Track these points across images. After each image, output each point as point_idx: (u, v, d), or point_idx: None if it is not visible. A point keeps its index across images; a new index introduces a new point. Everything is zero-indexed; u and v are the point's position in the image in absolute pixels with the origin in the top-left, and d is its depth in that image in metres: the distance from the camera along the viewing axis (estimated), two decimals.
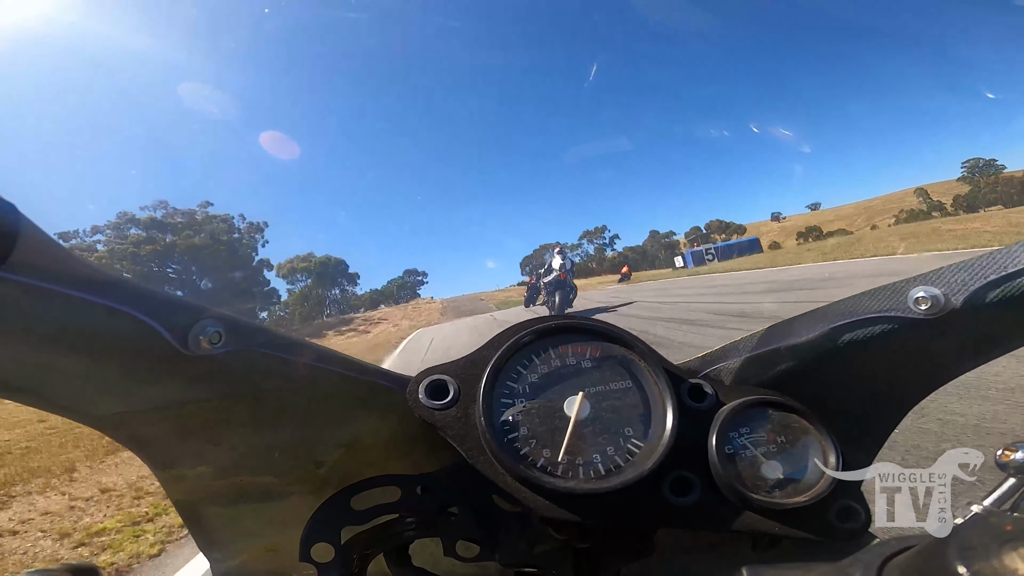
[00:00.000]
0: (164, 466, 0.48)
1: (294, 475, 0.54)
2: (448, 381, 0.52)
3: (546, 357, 0.55)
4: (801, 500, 0.50)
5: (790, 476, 0.51)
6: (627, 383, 0.55)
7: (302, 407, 0.49)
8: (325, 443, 0.53)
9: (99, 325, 0.33)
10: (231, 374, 0.42)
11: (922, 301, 0.47)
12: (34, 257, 0.29)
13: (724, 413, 0.53)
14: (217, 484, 0.51)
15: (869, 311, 0.50)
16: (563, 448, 0.50)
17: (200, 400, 0.43)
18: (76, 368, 0.35)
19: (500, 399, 0.52)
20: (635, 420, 0.53)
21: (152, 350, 0.36)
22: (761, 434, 0.53)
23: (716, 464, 0.51)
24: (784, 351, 0.56)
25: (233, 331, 0.39)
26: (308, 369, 0.46)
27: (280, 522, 0.56)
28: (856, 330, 0.51)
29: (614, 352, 0.56)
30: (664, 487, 0.51)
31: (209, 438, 0.47)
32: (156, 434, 0.45)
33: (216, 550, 0.56)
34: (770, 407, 0.54)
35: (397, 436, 0.56)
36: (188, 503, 0.52)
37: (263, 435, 0.49)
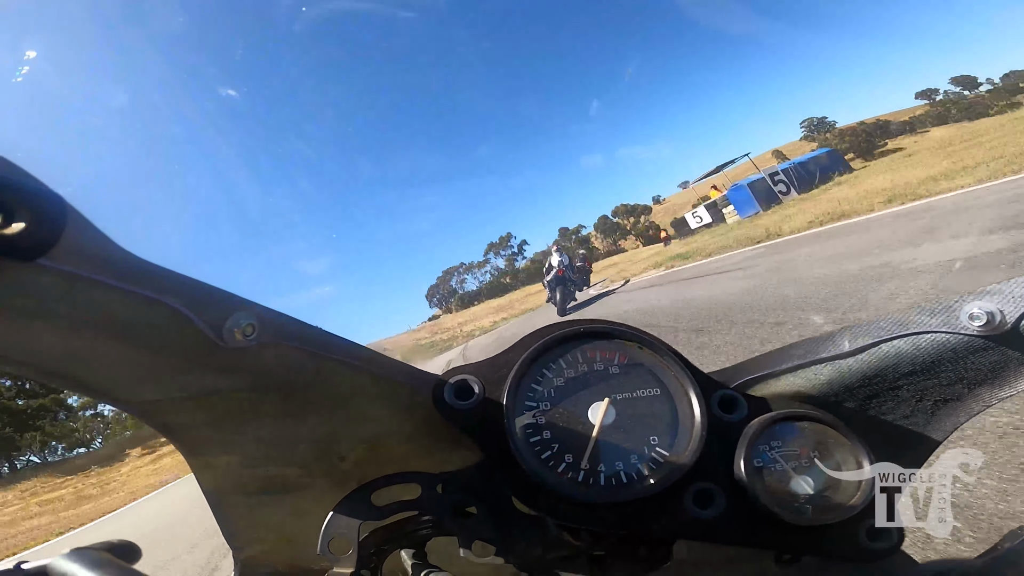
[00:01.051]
0: (195, 454, 0.49)
1: (318, 468, 0.55)
2: (473, 382, 0.52)
3: (573, 361, 0.55)
4: (831, 517, 0.49)
5: (821, 492, 0.50)
6: (655, 391, 0.54)
7: (329, 402, 0.50)
8: (349, 438, 0.54)
9: (139, 315, 0.34)
10: (262, 366, 0.42)
11: (976, 317, 0.45)
12: (79, 247, 0.29)
13: (755, 426, 0.52)
14: (244, 474, 0.52)
15: (918, 327, 0.49)
16: (586, 455, 0.50)
17: (231, 391, 0.43)
18: (116, 356, 0.36)
19: (524, 402, 0.52)
20: (661, 429, 0.52)
21: (188, 340, 0.37)
22: (793, 448, 0.52)
23: (743, 478, 0.50)
24: (824, 364, 0.54)
25: (266, 323, 0.40)
26: (337, 364, 0.46)
27: (301, 514, 0.56)
28: (903, 346, 0.50)
29: (643, 359, 0.55)
30: (686, 498, 0.50)
31: (238, 429, 0.48)
32: (188, 423, 0.46)
33: (239, 539, 0.56)
34: (804, 421, 0.53)
35: (420, 434, 0.56)
36: (216, 491, 0.52)
37: (289, 428, 0.50)
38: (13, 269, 0.27)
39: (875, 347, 0.51)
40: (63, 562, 0.29)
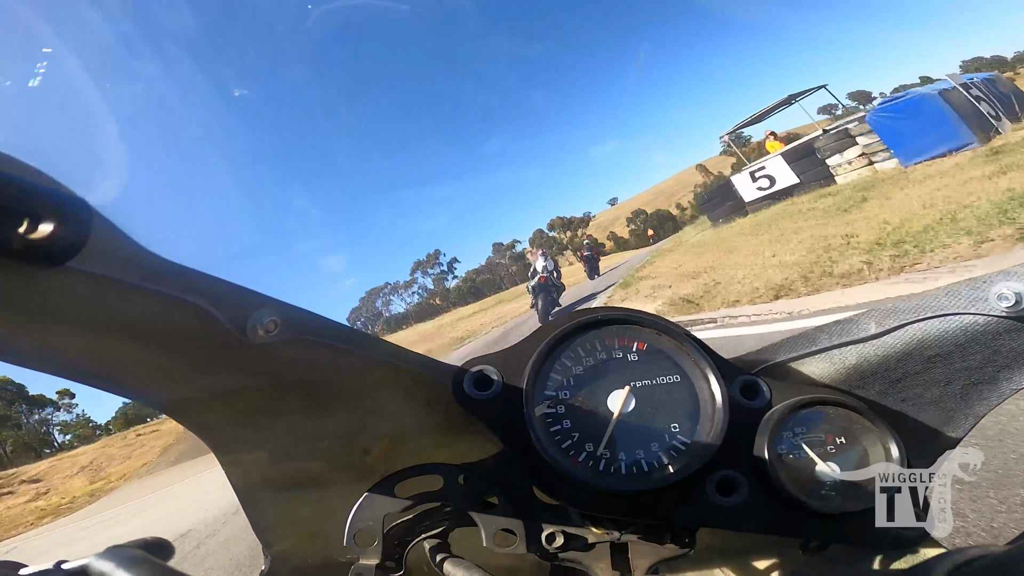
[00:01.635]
0: (224, 451, 0.50)
1: (343, 462, 0.55)
2: (492, 372, 0.52)
3: (591, 349, 0.54)
4: (858, 504, 0.48)
5: (848, 480, 0.49)
6: (675, 377, 0.53)
7: (351, 396, 0.50)
8: (372, 432, 0.54)
9: (166, 314, 0.35)
10: (285, 362, 0.43)
11: (1005, 298, 0.44)
12: (106, 250, 0.30)
13: (778, 412, 0.51)
14: (272, 469, 0.53)
15: (945, 308, 0.47)
16: (603, 441, 0.50)
17: (257, 387, 0.44)
18: (146, 355, 0.37)
19: (543, 391, 0.52)
20: (682, 416, 0.52)
21: (213, 338, 0.37)
22: (818, 434, 0.51)
23: (767, 464, 0.49)
24: (847, 348, 0.53)
25: (288, 319, 0.40)
26: (358, 358, 0.47)
27: (328, 508, 0.57)
28: (930, 328, 0.48)
29: (662, 345, 0.55)
30: (709, 486, 0.50)
31: (264, 424, 0.49)
32: (217, 420, 0.47)
33: (269, 534, 0.58)
34: (829, 406, 0.52)
35: (442, 425, 0.57)
36: (246, 487, 0.54)
37: (314, 423, 0.51)
38: (43, 273, 0.28)
39: (901, 329, 0.50)
40: (101, 561, 0.30)
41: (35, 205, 0.25)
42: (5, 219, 0.25)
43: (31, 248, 0.25)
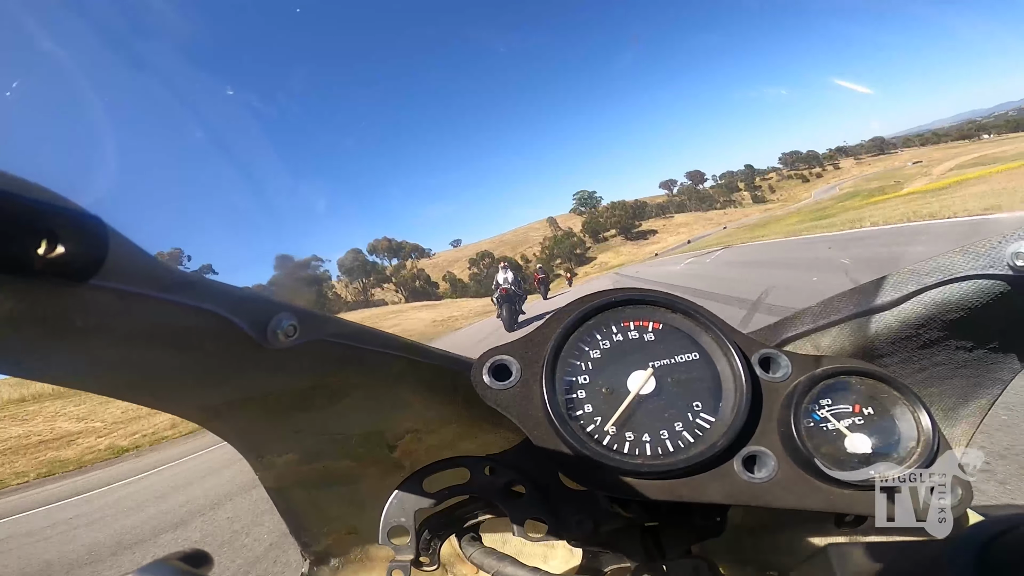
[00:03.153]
0: (256, 455, 0.51)
1: (370, 459, 0.57)
2: (510, 362, 0.52)
3: (607, 332, 0.54)
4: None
5: (879, 450, 0.48)
6: (694, 355, 0.53)
7: (373, 393, 0.51)
8: (396, 427, 0.55)
9: (187, 324, 0.36)
10: (307, 364, 0.44)
11: (1022, 257, 0.42)
12: (124, 264, 0.31)
13: (802, 384, 0.50)
14: (303, 470, 0.54)
15: (962, 270, 0.46)
16: (626, 424, 0.49)
17: (281, 391, 0.45)
18: (172, 365, 0.38)
19: (563, 377, 0.52)
20: (704, 393, 0.51)
21: (235, 345, 0.39)
22: (844, 406, 0.50)
23: (794, 439, 0.48)
24: (866, 317, 0.51)
25: (306, 322, 0.41)
26: (376, 356, 0.48)
27: (359, 504, 0.59)
28: (949, 293, 0.47)
29: (678, 323, 0.54)
30: (736, 463, 0.49)
31: (292, 426, 0.50)
32: (246, 424, 0.48)
33: (305, 534, 0.59)
34: (853, 376, 0.50)
35: (464, 418, 0.57)
36: (279, 489, 0.55)
37: (340, 421, 0.52)
38: (69, 291, 0.29)
39: (919, 295, 0.48)
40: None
41: (52, 224, 0.26)
42: (24, 239, 0.25)
43: (53, 267, 0.26)
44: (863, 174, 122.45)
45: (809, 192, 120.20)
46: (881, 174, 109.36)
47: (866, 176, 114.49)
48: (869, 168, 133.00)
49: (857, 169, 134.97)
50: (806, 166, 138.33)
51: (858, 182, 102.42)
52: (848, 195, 77.20)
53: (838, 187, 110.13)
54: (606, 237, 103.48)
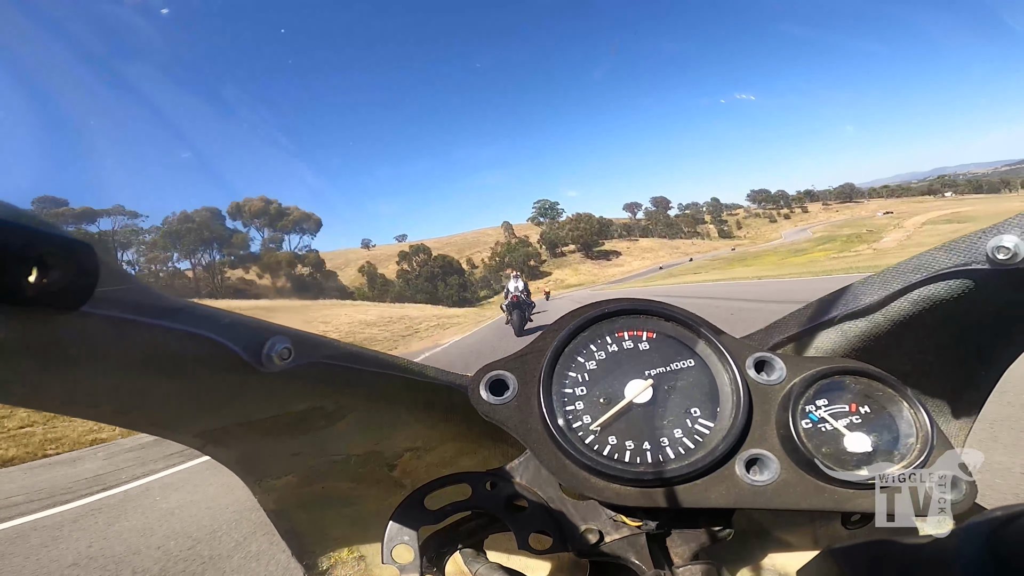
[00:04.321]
0: (255, 478, 0.51)
1: (370, 478, 0.56)
2: (507, 376, 0.52)
3: (602, 344, 0.54)
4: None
5: (879, 448, 0.48)
6: (688, 362, 0.53)
7: (370, 413, 0.51)
8: (395, 446, 0.55)
9: (181, 349, 0.36)
10: (303, 386, 0.44)
11: (1002, 250, 0.43)
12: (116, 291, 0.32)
13: (797, 385, 0.51)
14: (303, 491, 0.54)
15: (944, 266, 0.46)
16: (626, 433, 0.50)
17: (278, 413, 0.45)
18: (167, 391, 0.38)
19: (560, 389, 0.52)
20: (701, 399, 0.51)
21: (230, 369, 0.39)
22: (841, 405, 0.50)
23: (794, 440, 0.49)
24: (855, 316, 0.52)
25: (301, 345, 0.41)
26: (372, 376, 0.48)
27: (362, 524, 0.58)
28: (933, 289, 0.47)
29: (671, 331, 0.55)
30: (738, 467, 0.49)
31: (290, 449, 0.50)
32: (244, 448, 0.48)
33: (308, 556, 0.59)
34: (848, 375, 0.51)
35: (464, 434, 0.57)
36: (280, 512, 0.55)
37: (337, 443, 0.51)
38: (61, 319, 0.29)
39: (906, 293, 0.49)
40: None
41: (42, 251, 0.26)
42: (15, 267, 0.25)
43: (45, 294, 0.26)
44: (831, 220, 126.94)
45: (778, 232, 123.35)
46: (852, 221, 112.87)
47: (835, 223, 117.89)
48: (837, 215, 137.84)
49: (824, 215, 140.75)
50: (774, 205, 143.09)
51: (828, 228, 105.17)
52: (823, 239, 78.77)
53: (809, 230, 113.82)
54: (564, 252, 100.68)
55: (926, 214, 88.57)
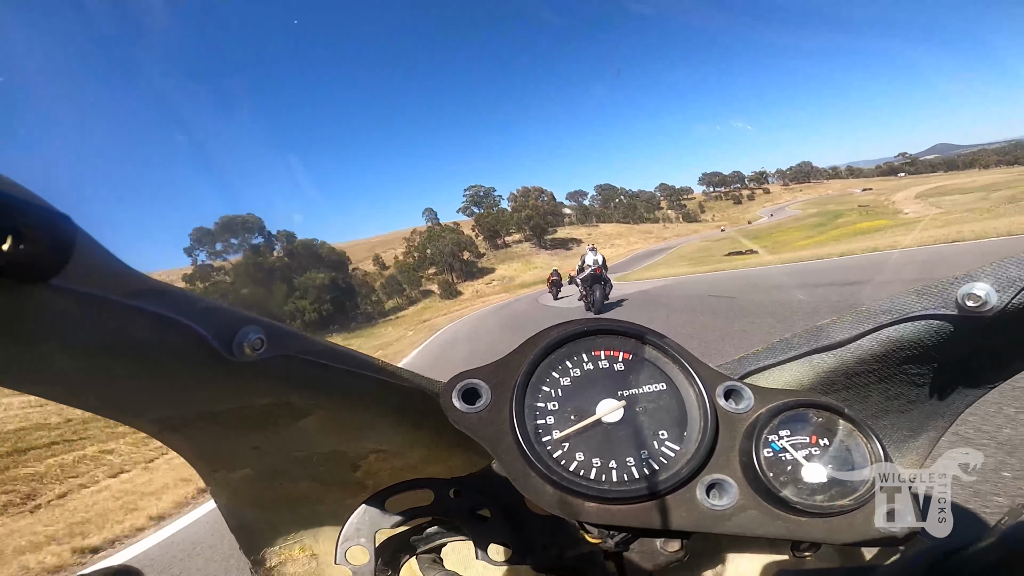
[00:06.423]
0: (210, 469, 0.49)
1: (331, 479, 0.55)
2: (480, 385, 0.52)
3: (579, 361, 0.55)
4: (846, 504, 0.48)
5: (834, 479, 0.50)
6: (661, 386, 0.54)
7: (339, 413, 0.50)
8: (362, 448, 0.54)
9: (150, 333, 0.34)
10: (272, 380, 0.43)
11: (972, 298, 0.45)
12: (90, 267, 0.30)
13: (762, 416, 0.52)
14: (259, 487, 0.52)
15: (915, 310, 0.49)
16: (593, 451, 0.50)
17: (243, 405, 0.44)
18: (131, 374, 0.37)
19: (533, 403, 0.52)
20: (670, 423, 0.52)
21: (199, 356, 0.37)
22: (802, 437, 0.52)
23: (755, 467, 0.50)
24: (825, 353, 0.54)
25: (274, 337, 0.40)
26: (345, 374, 0.47)
27: (318, 524, 0.57)
28: (903, 331, 0.50)
29: (647, 354, 0.56)
30: (699, 491, 0.50)
31: (251, 441, 0.48)
32: (201, 438, 0.46)
33: (256, 553, 0.57)
34: (811, 409, 0.53)
35: (431, 440, 0.57)
36: (232, 507, 0.53)
37: (301, 441, 0.50)
38: (27, 291, 0.27)
39: (875, 333, 0.51)
40: None
41: (16, 221, 0.25)
42: None
43: (13, 265, 0.25)
44: (814, 197, 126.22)
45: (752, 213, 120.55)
46: (834, 198, 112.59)
47: (815, 200, 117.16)
48: (802, 194, 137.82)
49: (789, 194, 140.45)
50: (728, 188, 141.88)
51: (814, 205, 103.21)
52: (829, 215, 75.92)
53: (788, 207, 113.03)
54: (508, 243, 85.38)
55: (909, 189, 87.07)
